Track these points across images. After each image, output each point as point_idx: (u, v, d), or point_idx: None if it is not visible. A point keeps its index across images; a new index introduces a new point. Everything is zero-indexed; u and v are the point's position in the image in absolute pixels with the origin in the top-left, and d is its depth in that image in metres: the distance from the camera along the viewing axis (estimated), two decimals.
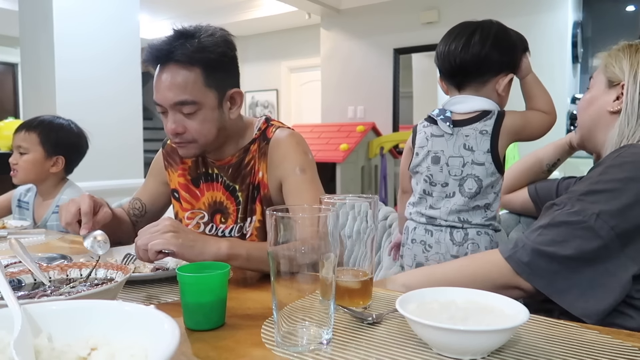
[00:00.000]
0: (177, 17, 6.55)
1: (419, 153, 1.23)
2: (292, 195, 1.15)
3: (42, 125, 1.72)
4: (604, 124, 1.03)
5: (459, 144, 1.17)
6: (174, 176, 1.30)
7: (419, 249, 1.21)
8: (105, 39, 3.13)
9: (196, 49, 1.07)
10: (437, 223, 1.19)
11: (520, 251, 0.88)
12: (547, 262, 0.86)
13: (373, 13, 5.10)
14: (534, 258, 0.86)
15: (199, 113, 1.10)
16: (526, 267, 0.86)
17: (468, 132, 1.17)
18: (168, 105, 1.10)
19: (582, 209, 0.86)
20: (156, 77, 1.11)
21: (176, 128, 1.11)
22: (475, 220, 1.17)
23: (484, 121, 1.17)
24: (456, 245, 1.16)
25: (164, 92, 1.09)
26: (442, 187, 1.19)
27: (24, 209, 1.83)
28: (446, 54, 1.21)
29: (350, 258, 0.88)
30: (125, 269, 0.78)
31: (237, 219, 1.22)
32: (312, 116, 6.39)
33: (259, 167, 1.20)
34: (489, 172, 1.16)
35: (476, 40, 1.18)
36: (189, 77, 1.08)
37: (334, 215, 0.63)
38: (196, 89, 1.08)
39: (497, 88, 1.21)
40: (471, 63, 1.18)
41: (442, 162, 1.19)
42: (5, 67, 7.69)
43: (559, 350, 0.63)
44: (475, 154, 1.16)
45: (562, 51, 4.10)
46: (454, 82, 1.24)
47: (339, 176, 4.43)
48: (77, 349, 0.50)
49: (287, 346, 0.63)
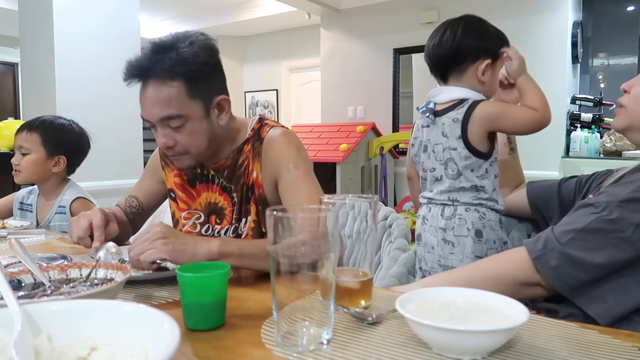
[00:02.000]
0: (177, 17, 6.55)
1: (414, 144, 1.37)
2: (287, 192, 1.14)
3: (43, 126, 1.72)
4: None
5: (439, 132, 1.29)
6: (170, 176, 1.30)
7: (419, 222, 1.35)
8: (105, 38, 3.13)
9: (175, 62, 1.05)
10: (433, 202, 1.32)
11: (548, 254, 0.86)
12: (576, 269, 0.84)
13: (373, 13, 5.10)
14: (563, 263, 0.84)
15: (186, 125, 1.10)
16: (553, 272, 0.85)
17: (444, 120, 1.27)
18: (155, 120, 1.10)
19: (620, 217, 0.83)
20: (140, 93, 1.11)
21: (166, 142, 1.11)
22: (463, 199, 1.27)
23: (457, 109, 1.26)
24: (444, 219, 1.27)
25: (149, 108, 1.09)
26: (431, 172, 1.32)
27: (26, 212, 1.82)
28: (427, 51, 1.35)
29: (350, 258, 0.88)
30: (125, 269, 0.78)
31: (232, 220, 1.22)
32: (312, 116, 6.39)
33: (253, 168, 1.20)
34: (462, 155, 1.25)
35: (448, 33, 1.29)
36: (171, 92, 1.06)
37: (334, 215, 0.63)
38: (180, 102, 1.07)
39: (477, 74, 1.29)
40: (446, 54, 1.29)
41: (429, 149, 1.32)
42: (5, 67, 7.69)
43: (559, 350, 0.63)
44: (449, 140, 1.26)
45: (562, 51, 4.10)
46: (438, 76, 1.35)
47: (339, 176, 4.43)
48: (77, 349, 0.50)
49: (287, 346, 0.63)
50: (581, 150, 4.04)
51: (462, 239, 1.24)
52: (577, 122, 4.15)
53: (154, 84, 1.07)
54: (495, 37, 1.31)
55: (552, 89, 4.20)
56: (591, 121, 4.11)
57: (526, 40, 4.14)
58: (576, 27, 4.22)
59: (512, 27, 4.49)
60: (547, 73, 4.10)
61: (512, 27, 4.63)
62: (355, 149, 4.55)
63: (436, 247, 1.28)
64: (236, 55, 6.96)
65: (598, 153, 4.04)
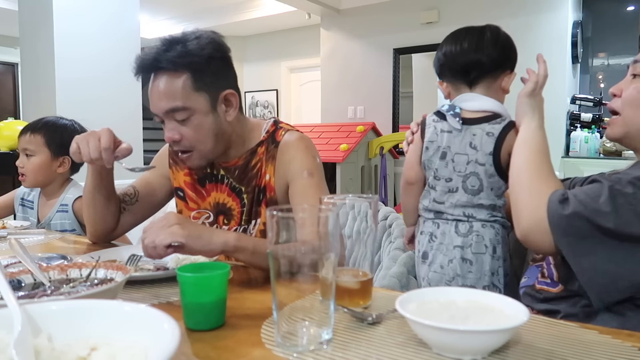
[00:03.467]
0: (177, 17, 6.55)
1: (429, 147, 1.25)
2: (298, 198, 1.14)
3: (46, 127, 1.73)
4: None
5: (465, 142, 1.19)
6: (179, 175, 1.30)
7: (426, 239, 1.24)
8: (105, 38, 3.13)
9: (180, 54, 1.07)
10: (443, 217, 1.21)
11: (564, 204, 0.83)
12: (585, 225, 0.82)
13: (373, 13, 5.10)
14: (573, 219, 0.82)
15: (192, 119, 1.10)
16: (564, 219, 0.83)
17: (476, 131, 1.19)
18: (161, 113, 1.11)
19: (633, 192, 0.82)
20: (149, 88, 1.12)
21: (172, 136, 1.11)
22: (479, 216, 1.19)
23: (493, 124, 1.18)
24: (460, 237, 1.18)
25: (156, 101, 1.10)
26: (446, 182, 1.22)
27: (27, 208, 1.83)
28: (459, 52, 1.23)
29: (350, 258, 0.88)
30: (125, 269, 0.78)
31: (240, 221, 1.21)
32: (312, 116, 6.39)
33: (265, 170, 1.19)
34: (489, 173, 1.18)
35: (489, 38, 1.22)
36: (176, 84, 1.08)
37: (334, 215, 0.63)
38: (185, 94, 1.08)
39: (505, 86, 1.24)
40: (484, 60, 1.21)
41: (448, 157, 1.21)
42: (5, 67, 7.69)
43: (559, 350, 0.63)
44: (478, 154, 1.18)
45: (562, 51, 4.10)
46: (466, 80, 1.24)
47: (339, 176, 4.43)
48: (77, 349, 0.50)
49: (287, 346, 0.63)
50: (581, 150, 4.04)
51: (480, 256, 1.17)
52: (577, 122, 4.15)
53: (160, 76, 1.09)
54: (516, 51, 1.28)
55: (552, 88, 4.19)
56: (591, 121, 4.11)
57: (526, 40, 4.13)
58: (576, 27, 4.22)
59: (512, 27, 4.49)
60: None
61: (512, 27, 4.62)
62: (355, 149, 4.55)
63: (447, 266, 1.19)
64: (236, 55, 6.86)
65: (598, 153, 4.04)
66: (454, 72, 1.26)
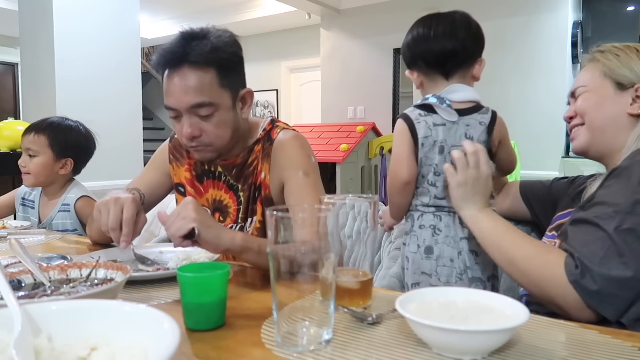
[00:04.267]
0: (177, 17, 6.55)
1: (425, 144, 1.19)
2: (293, 198, 1.14)
3: (51, 128, 1.72)
4: (622, 126, 1.01)
5: (460, 133, 1.17)
6: (179, 170, 1.29)
7: (428, 233, 1.18)
8: (105, 38, 3.13)
9: (210, 50, 1.06)
10: (445, 210, 1.17)
11: (587, 278, 0.83)
12: (618, 288, 0.82)
13: (373, 13, 5.10)
14: (605, 285, 0.82)
15: (215, 115, 1.09)
16: (595, 295, 0.82)
17: (469, 121, 1.17)
18: (184, 108, 1.07)
19: (636, 223, 0.82)
20: (167, 81, 1.08)
21: (192, 132, 1.09)
22: None
23: (481, 113, 1.18)
24: (465, 227, 1.14)
25: (179, 95, 1.06)
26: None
27: (28, 207, 1.83)
28: (432, 39, 1.18)
29: (350, 258, 0.88)
30: (125, 268, 0.78)
31: (237, 219, 1.22)
32: (312, 116, 6.39)
33: (261, 168, 1.20)
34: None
35: (460, 27, 1.18)
36: (204, 79, 1.06)
37: (334, 215, 0.63)
38: (212, 90, 1.07)
39: (476, 73, 1.21)
40: (458, 49, 1.17)
41: (445, 151, 1.17)
42: (5, 67, 7.69)
43: (559, 350, 0.63)
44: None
45: (562, 51, 4.10)
46: (442, 70, 1.20)
47: (339, 176, 4.43)
48: (77, 349, 0.50)
49: (287, 346, 0.63)
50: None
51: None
52: None
53: (186, 70, 1.06)
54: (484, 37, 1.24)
55: (551, 88, 4.20)
56: None
57: (526, 40, 4.14)
58: (576, 27, 4.22)
59: (512, 27, 4.50)
60: (547, 73, 4.10)
61: (512, 27, 4.64)
62: (355, 149, 4.55)
63: (457, 259, 1.15)
64: None
65: None
66: (428, 62, 1.21)
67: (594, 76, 1.05)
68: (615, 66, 1.02)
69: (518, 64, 4.17)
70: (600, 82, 1.04)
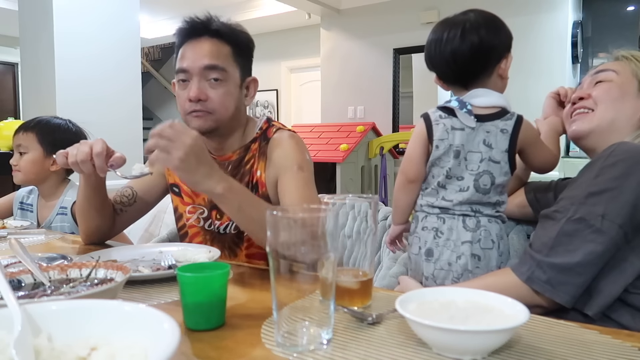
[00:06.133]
0: (177, 17, 6.54)
1: (439, 146, 1.17)
2: (286, 191, 1.14)
3: (39, 125, 1.74)
4: (631, 125, 1.04)
5: (479, 139, 1.15)
6: None
7: (430, 235, 1.17)
8: (105, 38, 3.13)
9: (229, 28, 1.20)
10: (450, 212, 1.16)
11: (537, 271, 0.88)
12: (567, 275, 0.86)
13: (373, 13, 5.10)
14: (553, 274, 0.87)
15: (224, 84, 1.15)
16: (547, 285, 0.87)
17: (489, 128, 1.15)
18: (197, 69, 1.14)
19: (586, 212, 0.88)
20: (184, 48, 1.17)
21: (199, 94, 1.13)
22: (486, 212, 1.16)
23: (505, 120, 1.15)
24: (469, 231, 1.13)
25: (195, 57, 1.14)
26: (458, 180, 1.17)
27: (26, 211, 1.83)
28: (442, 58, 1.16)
29: (350, 258, 0.88)
30: (126, 268, 0.78)
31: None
32: (312, 116, 6.39)
33: (257, 166, 1.20)
34: (503, 171, 1.15)
35: (471, 36, 1.13)
36: (221, 48, 1.17)
37: (334, 215, 0.63)
38: (227, 59, 1.17)
39: (503, 73, 1.18)
40: (471, 61, 1.14)
41: (461, 156, 1.16)
42: (5, 67, 7.69)
43: (559, 350, 0.63)
44: (493, 152, 1.14)
45: (562, 51, 4.10)
46: (461, 85, 1.19)
47: (339, 176, 4.43)
48: (77, 349, 0.50)
49: (287, 346, 0.63)
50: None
51: (487, 251, 1.14)
52: None
53: (206, 39, 1.17)
54: (506, 27, 1.21)
55: (551, 88, 4.19)
56: None
57: (526, 40, 4.13)
58: (576, 27, 4.22)
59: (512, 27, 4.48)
60: (547, 73, 4.10)
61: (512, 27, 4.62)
62: (355, 149, 4.55)
63: (455, 263, 1.14)
64: None
65: None
66: (446, 77, 1.21)
67: (625, 70, 1.08)
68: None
69: (518, 64, 4.12)
70: (628, 78, 1.06)
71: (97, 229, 1.28)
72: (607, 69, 1.10)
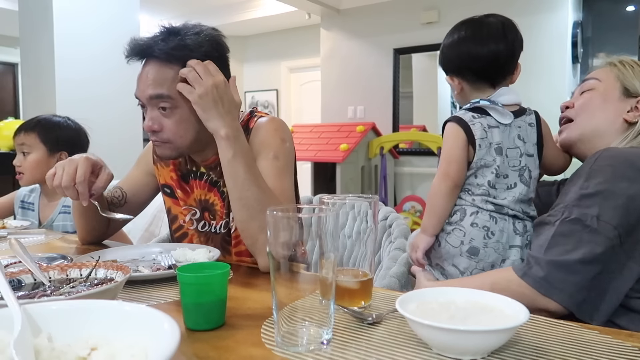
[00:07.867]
0: (177, 17, 6.55)
1: (482, 145, 1.15)
2: None
3: (40, 124, 1.73)
4: (615, 129, 1.06)
5: (513, 135, 1.16)
6: (164, 171, 1.28)
7: (480, 234, 1.14)
8: (105, 38, 3.13)
9: (175, 47, 1.06)
10: (504, 212, 1.14)
11: (534, 267, 0.89)
12: (565, 272, 0.87)
13: (373, 13, 5.10)
14: (550, 271, 0.88)
15: (175, 111, 1.08)
16: (544, 282, 0.88)
17: (520, 123, 1.17)
18: (145, 98, 1.09)
19: (580, 214, 0.89)
20: (139, 73, 1.12)
21: (152, 125, 1.09)
22: (530, 213, 1.16)
23: (527, 115, 1.19)
24: (519, 235, 1.12)
25: (143, 86, 1.09)
26: (504, 178, 1.16)
27: (28, 210, 1.82)
28: (485, 54, 1.17)
29: (350, 258, 0.88)
30: (126, 268, 0.78)
31: (224, 215, 1.20)
32: (312, 116, 6.39)
33: None
34: (536, 164, 1.17)
35: (511, 34, 1.19)
36: (167, 74, 1.06)
37: (334, 215, 0.63)
38: (174, 86, 1.05)
39: (514, 78, 1.21)
40: (509, 58, 1.18)
41: (502, 153, 1.15)
42: (5, 67, 7.69)
43: (559, 350, 0.63)
44: (527, 145, 1.17)
45: (562, 51, 4.10)
46: (490, 80, 1.20)
47: (339, 176, 4.43)
48: (77, 349, 0.50)
49: (287, 346, 0.63)
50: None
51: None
52: None
53: (152, 63, 1.09)
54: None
55: (552, 88, 4.20)
56: None
57: (526, 40, 4.09)
58: (576, 27, 4.22)
59: None
60: (547, 73, 4.10)
61: None
62: (355, 149, 4.55)
63: (498, 265, 1.12)
64: (236, 55, 6.95)
65: None
66: (476, 73, 1.21)
67: (609, 76, 1.11)
68: (629, 75, 1.08)
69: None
70: (611, 84, 1.09)
71: (93, 229, 1.29)
72: (591, 77, 1.15)
